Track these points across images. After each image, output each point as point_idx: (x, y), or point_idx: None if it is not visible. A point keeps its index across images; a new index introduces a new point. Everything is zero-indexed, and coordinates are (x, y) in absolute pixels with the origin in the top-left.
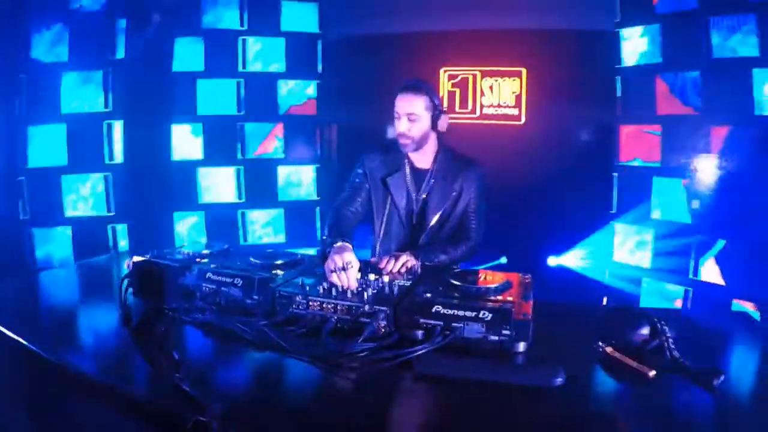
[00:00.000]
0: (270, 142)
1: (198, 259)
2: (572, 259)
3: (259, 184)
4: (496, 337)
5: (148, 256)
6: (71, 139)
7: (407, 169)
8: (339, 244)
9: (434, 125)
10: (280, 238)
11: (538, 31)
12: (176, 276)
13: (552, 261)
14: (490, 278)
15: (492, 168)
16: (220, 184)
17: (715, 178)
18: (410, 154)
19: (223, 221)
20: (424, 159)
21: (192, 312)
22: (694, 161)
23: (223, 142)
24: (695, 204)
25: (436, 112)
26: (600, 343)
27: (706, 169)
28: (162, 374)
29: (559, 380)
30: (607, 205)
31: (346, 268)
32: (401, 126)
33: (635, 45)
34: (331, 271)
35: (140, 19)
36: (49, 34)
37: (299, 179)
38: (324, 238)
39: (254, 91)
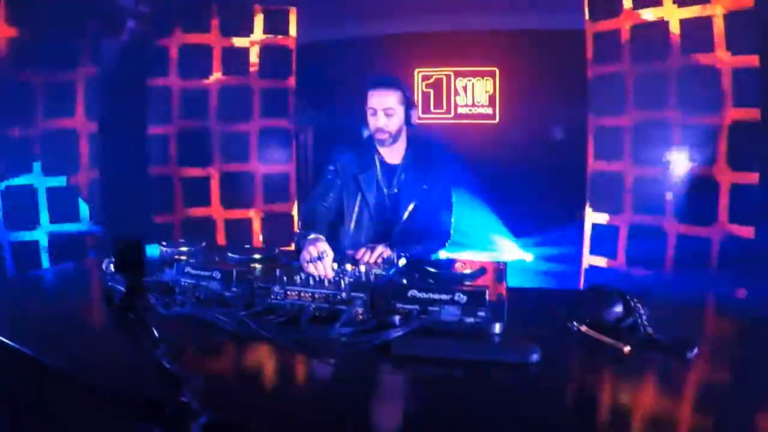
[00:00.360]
0: None
1: (177, 256)
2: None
3: None
4: (472, 319)
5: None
6: None
7: (378, 165)
8: (312, 236)
9: (407, 119)
10: None
11: (511, 31)
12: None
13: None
14: (465, 265)
15: (467, 167)
16: None
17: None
18: (381, 150)
19: None
20: (395, 154)
21: (172, 306)
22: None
23: None
24: (669, 196)
25: (409, 105)
26: (574, 323)
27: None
28: (142, 352)
29: (535, 356)
30: (581, 203)
31: (321, 258)
32: (379, 121)
33: None
34: (307, 262)
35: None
36: None
37: None
38: (298, 231)
39: None
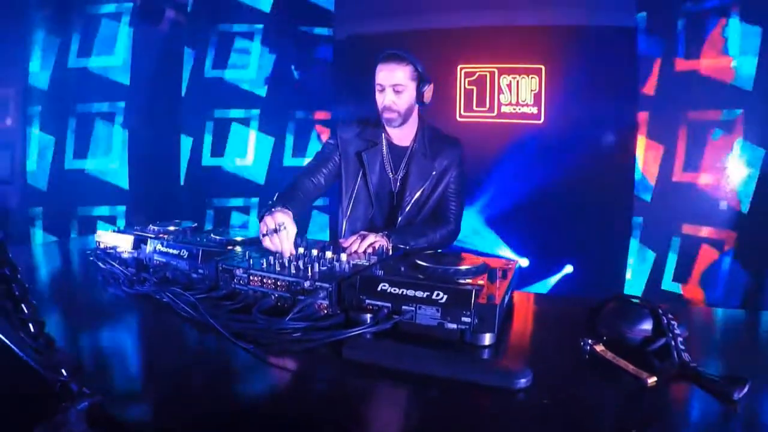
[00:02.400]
0: None
1: (162, 235)
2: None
3: None
4: (455, 325)
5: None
6: None
7: (384, 146)
8: (277, 209)
9: (419, 96)
10: None
11: (557, 27)
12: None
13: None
14: (466, 261)
15: (511, 168)
16: None
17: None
18: (389, 130)
19: None
20: (404, 135)
21: (135, 284)
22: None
23: None
24: (723, 204)
25: (422, 81)
26: (588, 340)
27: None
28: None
29: (523, 381)
30: (628, 207)
31: (278, 230)
32: (387, 98)
33: None
34: (263, 235)
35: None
36: None
37: None
38: (269, 203)
39: None
